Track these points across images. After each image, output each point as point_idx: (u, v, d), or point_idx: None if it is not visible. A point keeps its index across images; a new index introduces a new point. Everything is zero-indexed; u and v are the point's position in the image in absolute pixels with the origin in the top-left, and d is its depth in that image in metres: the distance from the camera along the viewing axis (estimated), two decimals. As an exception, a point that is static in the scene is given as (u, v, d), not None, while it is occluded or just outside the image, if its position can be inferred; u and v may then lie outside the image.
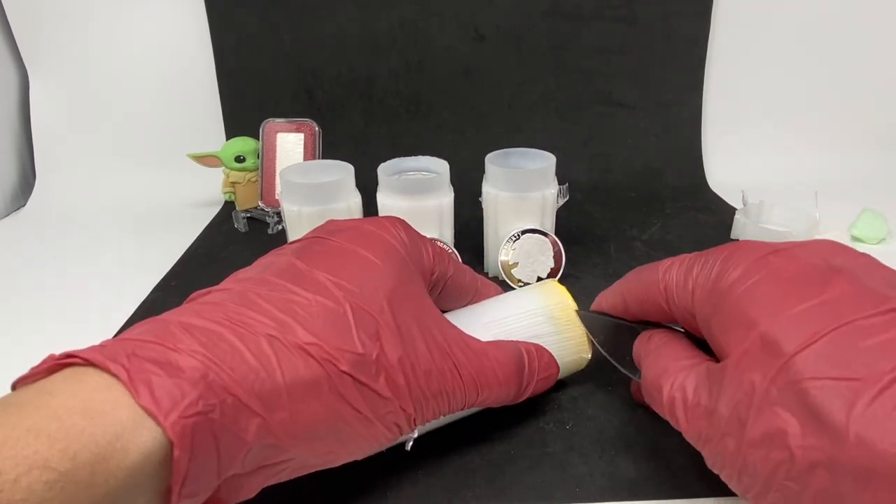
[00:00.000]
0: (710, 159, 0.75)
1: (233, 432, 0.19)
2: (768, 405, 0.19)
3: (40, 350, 0.42)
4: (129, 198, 0.69)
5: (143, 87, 0.72)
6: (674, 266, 0.26)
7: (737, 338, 0.21)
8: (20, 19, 0.69)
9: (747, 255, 0.23)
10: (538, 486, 0.28)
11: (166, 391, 0.17)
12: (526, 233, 0.44)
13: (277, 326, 0.21)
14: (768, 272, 0.22)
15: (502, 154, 0.46)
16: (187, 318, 0.20)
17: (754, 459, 0.19)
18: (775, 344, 0.19)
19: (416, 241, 0.28)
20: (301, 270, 0.23)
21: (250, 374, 0.19)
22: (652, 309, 0.28)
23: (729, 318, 0.22)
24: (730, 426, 0.20)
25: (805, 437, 0.18)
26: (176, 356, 0.18)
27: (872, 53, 0.74)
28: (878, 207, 0.56)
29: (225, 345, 0.19)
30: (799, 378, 0.18)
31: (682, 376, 0.24)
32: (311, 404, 0.21)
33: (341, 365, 0.21)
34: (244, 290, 0.22)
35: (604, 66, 0.72)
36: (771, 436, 0.19)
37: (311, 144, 0.59)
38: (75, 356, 0.18)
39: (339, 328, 0.22)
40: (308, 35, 0.70)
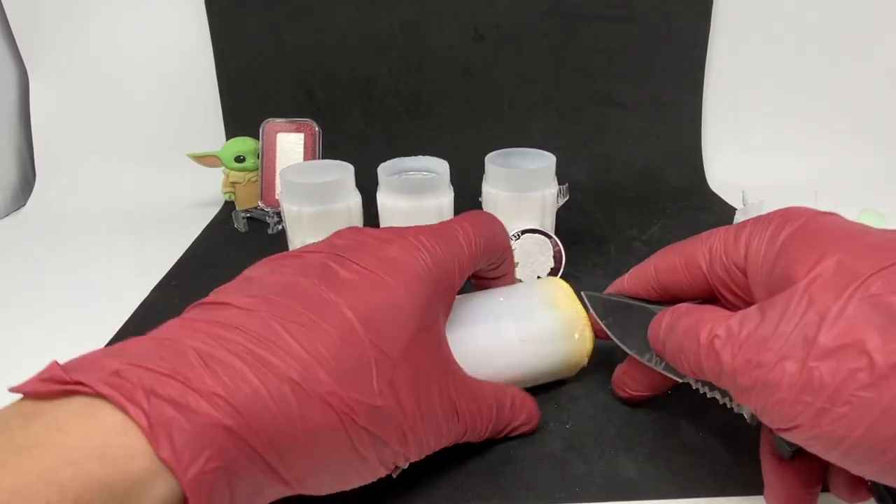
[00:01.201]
0: (710, 159, 0.75)
1: (247, 480, 0.19)
2: (844, 321, 0.19)
3: (40, 350, 0.42)
4: (130, 198, 0.69)
5: (143, 87, 0.72)
6: (718, 232, 0.27)
7: (806, 266, 0.21)
8: (20, 19, 0.69)
9: (804, 212, 0.25)
10: (538, 486, 0.28)
11: (186, 443, 0.17)
12: (526, 233, 0.44)
13: (301, 369, 0.20)
14: (830, 220, 0.23)
15: (502, 154, 0.46)
16: (205, 344, 0.19)
17: (822, 373, 0.19)
18: (851, 268, 0.20)
19: (442, 261, 0.26)
20: (327, 302, 0.22)
21: (271, 426, 0.19)
22: (686, 277, 0.28)
23: (798, 251, 0.22)
24: (792, 347, 0.20)
25: (886, 343, 0.18)
26: (197, 399, 0.17)
27: (872, 53, 0.74)
28: (878, 207, 0.56)
29: (247, 388, 0.18)
30: (879, 293, 0.19)
31: (723, 319, 0.23)
32: (325, 454, 0.21)
33: (359, 419, 0.21)
34: (267, 316, 0.21)
35: (604, 66, 0.72)
36: (846, 347, 0.19)
37: (311, 144, 0.59)
38: (86, 386, 0.17)
39: (360, 376, 0.21)
40: (308, 35, 0.70)
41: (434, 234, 0.27)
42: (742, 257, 0.25)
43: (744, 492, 0.27)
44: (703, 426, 0.31)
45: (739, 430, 0.31)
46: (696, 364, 0.24)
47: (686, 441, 0.30)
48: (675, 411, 0.32)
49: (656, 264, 0.30)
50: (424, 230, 0.27)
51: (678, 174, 0.73)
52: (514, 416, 0.29)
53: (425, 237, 0.27)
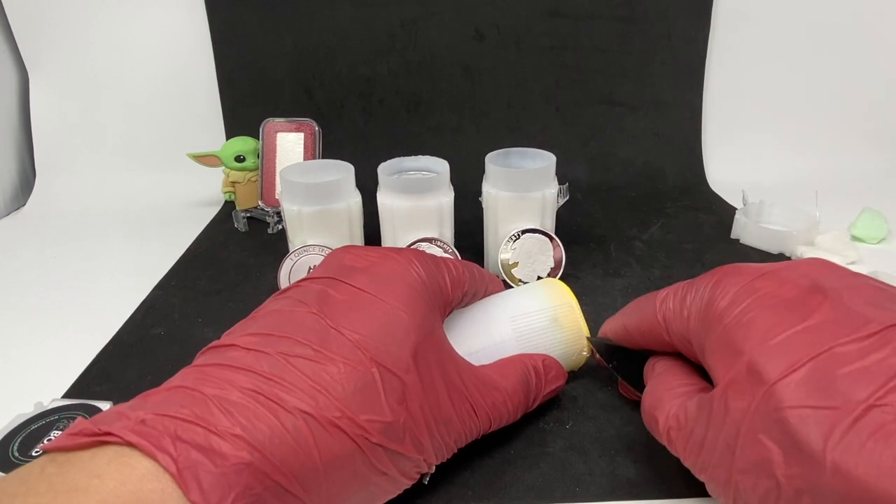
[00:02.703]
0: (710, 159, 0.75)
1: None
2: (753, 434, 0.19)
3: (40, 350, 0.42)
4: (130, 197, 0.69)
5: (144, 87, 0.72)
6: (669, 296, 0.27)
7: (724, 366, 0.22)
8: (20, 19, 0.69)
9: (735, 281, 0.23)
10: (538, 486, 0.28)
11: (214, 484, 0.17)
12: (526, 232, 0.44)
13: (311, 401, 0.20)
14: (755, 299, 0.22)
15: (502, 154, 0.46)
16: (221, 390, 0.20)
17: (745, 487, 0.20)
18: (759, 372, 0.20)
19: (434, 274, 0.28)
20: (327, 330, 0.23)
21: (290, 457, 0.19)
22: (654, 340, 0.28)
23: (718, 346, 0.22)
24: (721, 455, 0.21)
25: (788, 465, 0.18)
26: (219, 441, 0.18)
27: (872, 53, 0.74)
28: (878, 207, 0.56)
29: (262, 425, 0.19)
30: (780, 406, 0.19)
31: (675, 405, 0.24)
32: (346, 477, 0.21)
33: (372, 437, 0.21)
34: (270, 352, 0.22)
35: (604, 66, 0.72)
36: (758, 464, 0.19)
37: (311, 144, 0.59)
38: (116, 436, 0.18)
39: (368, 397, 0.22)
40: (308, 35, 0.70)
41: (422, 254, 0.28)
42: (686, 330, 0.25)
43: (744, 492, 0.27)
44: (703, 426, 0.31)
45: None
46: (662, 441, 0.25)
47: (686, 441, 0.30)
48: (675, 411, 0.32)
49: (626, 323, 0.30)
50: (414, 251, 0.29)
51: (678, 174, 0.73)
52: (541, 383, 0.30)
53: (414, 255, 0.28)
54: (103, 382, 0.36)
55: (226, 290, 0.48)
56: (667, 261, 0.52)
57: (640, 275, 0.49)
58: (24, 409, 0.31)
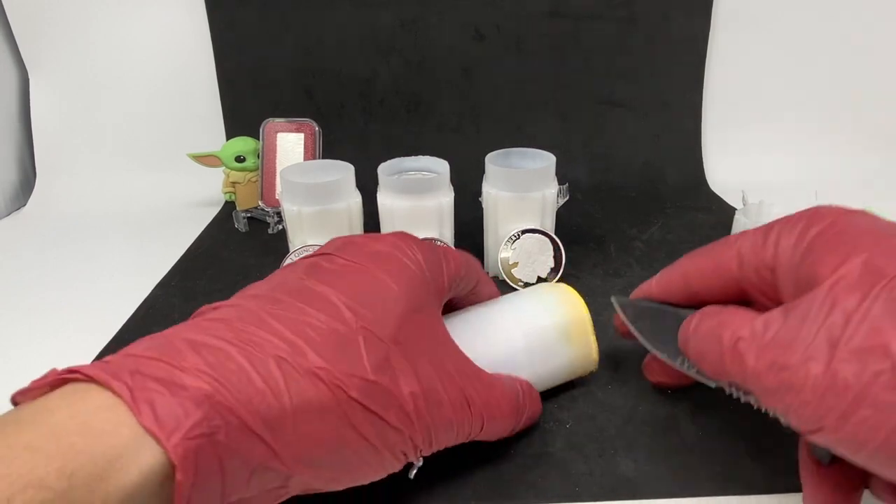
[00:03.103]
0: (710, 159, 0.75)
1: (237, 455, 0.18)
2: (869, 322, 0.19)
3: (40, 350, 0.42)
4: (130, 197, 0.69)
5: (143, 87, 0.72)
6: (747, 233, 0.27)
7: (832, 266, 0.21)
8: (20, 19, 0.69)
9: (832, 210, 0.24)
10: (538, 486, 0.28)
11: (170, 411, 0.17)
12: (526, 233, 0.44)
13: (287, 348, 0.20)
14: (857, 218, 0.23)
15: (502, 154, 0.46)
16: (194, 335, 0.20)
17: (846, 375, 0.19)
18: (877, 268, 0.20)
19: (433, 260, 0.27)
20: (313, 289, 0.23)
21: (256, 397, 0.19)
22: (716, 280, 0.28)
23: (824, 251, 0.22)
24: (816, 349, 0.20)
25: None
26: (181, 375, 0.18)
27: (873, 53, 0.74)
28: (878, 207, 0.56)
29: (232, 364, 0.19)
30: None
31: (747, 321, 0.23)
32: (318, 429, 0.20)
33: (351, 391, 0.21)
34: (254, 308, 0.22)
35: (604, 66, 0.72)
36: (871, 349, 0.18)
37: (311, 144, 0.59)
38: (77, 371, 0.18)
39: (349, 354, 0.21)
40: (308, 35, 0.70)
41: (421, 240, 0.28)
42: (771, 257, 0.25)
43: (744, 491, 0.27)
44: (703, 426, 0.31)
45: (739, 430, 0.31)
46: (719, 366, 0.24)
47: (686, 441, 0.30)
48: (675, 411, 0.32)
49: (685, 269, 0.30)
50: (413, 236, 0.28)
51: (678, 174, 0.73)
52: (524, 404, 0.29)
53: (413, 239, 0.27)
54: (103, 382, 0.36)
55: (226, 290, 0.48)
56: (667, 261, 0.51)
57: (640, 275, 0.49)
58: (25, 409, 0.31)
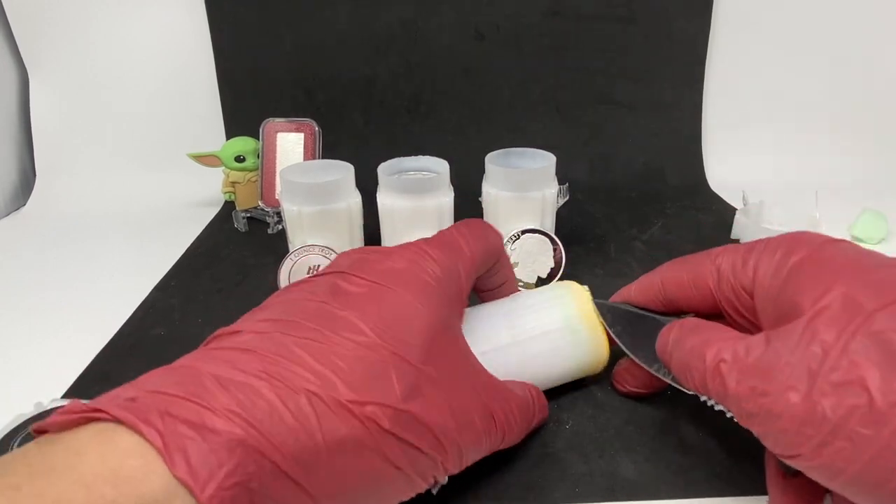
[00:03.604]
0: (710, 159, 0.75)
1: (271, 500, 0.18)
2: (847, 356, 0.19)
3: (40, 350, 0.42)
4: (130, 198, 0.69)
5: (143, 87, 0.72)
6: (727, 251, 0.28)
7: (813, 297, 0.22)
8: (20, 19, 0.69)
9: (813, 239, 0.25)
10: (538, 486, 0.28)
11: (202, 460, 0.16)
12: (526, 233, 0.44)
13: (317, 380, 0.19)
14: (837, 251, 0.24)
15: (502, 154, 0.46)
16: (221, 369, 0.19)
17: (824, 407, 0.19)
18: (856, 302, 0.20)
19: (451, 270, 0.26)
20: (336, 314, 0.22)
21: (290, 438, 0.18)
22: (694, 293, 0.28)
23: (804, 282, 0.23)
24: (796, 379, 0.20)
25: (886, 382, 0.18)
26: (212, 417, 0.17)
27: (873, 53, 0.74)
28: (878, 207, 0.56)
29: (262, 403, 0.18)
30: (882, 330, 0.19)
31: (730, 342, 0.24)
32: (352, 465, 0.20)
33: (384, 423, 0.20)
34: (278, 336, 0.21)
35: (604, 66, 0.72)
36: (848, 383, 0.19)
37: (311, 144, 0.59)
38: (103, 412, 0.17)
39: (380, 382, 0.20)
40: (308, 35, 0.70)
41: (436, 243, 0.27)
42: (750, 281, 0.26)
43: (743, 492, 0.27)
44: (703, 426, 0.31)
45: (739, 431, 0.31)
46: (701, 384, 0.24)
47: (686, 441, 0.30)
48: (675, 411, 0.32)
49: (664, 278, 0.30)
50: (426, 241, 0.27)
51: (678, 174, 0.73)
52: (535, 411, 0.29)
53: (428, 247, 0.27)
54: (103, 382, 0.36)
55: (226, 291, 0.48)
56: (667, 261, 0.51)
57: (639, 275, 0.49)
58: (24, 409, 0.31)
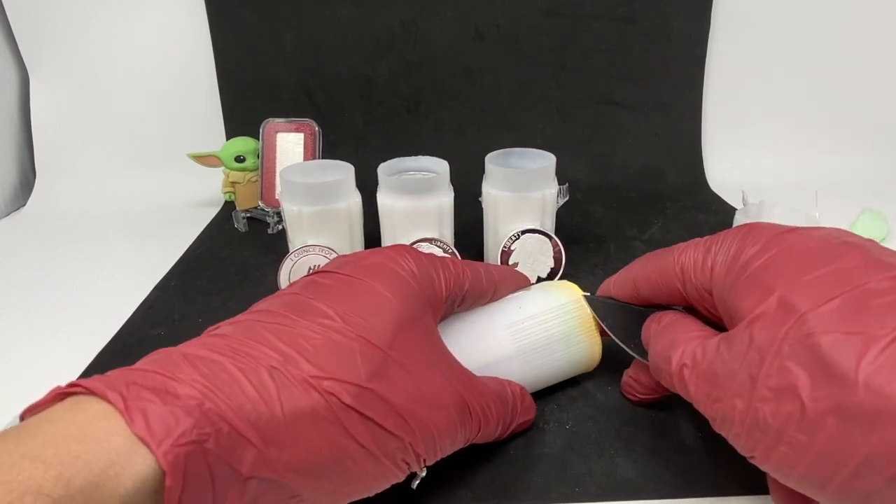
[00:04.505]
0: (710, 159, 0.75)
1: (228, 463, 0.18)
2: (780, 361, 0.20)
3: (40, 350, 0.42)
4: (129, 198, 0.69)
5: (143, 87, 0.72)
6: (689, 248, 0.27)
7: (752, 302, 0.22)
8: (20, 19, 0.69)
9: (765, 232, 0.24)
10: (537, 486, 0.28)
11: (160, 419, 0.17)
12: (526, 233, 0.44)
13: (280, 358, 0.20)
14: (785, 246, 0.23)
15: (502, 154, 0.46)
16: (191, 349, 0.20)
17: (765, 414, 0.20)
18: (790, 305, 0.20)
19: (428, 269, 0.27)
20: (307, 302, 0.23)
21: (248, 404, 0.19)
22: (665, 292, 0.28)
23: (746, 286, 0.23)
24: (741, 385, 0.21)
25: (815, 388, 0.18)
26: (174, 384, 0.18)
27: (872, 53, 0.74)
28: (878, 207, 0.56)
29: (225, 375, 0.19)
30: (811, 332, 0.19)
31: (692, 345, 0.24)
32: (313, 438, 0.20)
33: (345, 398, 0.20)
34: (250, 323, 0.22)
35: (604, 66, 0.72)
36: (782, 390, 0.19)
37: (311, 144, 0.59)
38: (78, 385, 0.18)
39: (344, 361, 0.21)
40: (308, 35, 0.70)
41: (415, 250, 0.28)
42: (708, 280, 0.26)
43: (743, 492, 0.27)
44: (703, 426, 0.31)
45: (739, 431, 0.31)
46: (671, 386, 0.25)
47: (686, 441, 0.30)
48: (675, 411, 0.32)
49: (636, 277, 0.30)
50: (407, 247, 0.28)
51: (678, 174, 0.73)
52: (516, 408, 0.29)
53: (406, 250, 0.27)
54: (103, 382, 0.36)
55: (226, 291, 0.48)
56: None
57: (639, 275, 0.49)
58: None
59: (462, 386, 0.25)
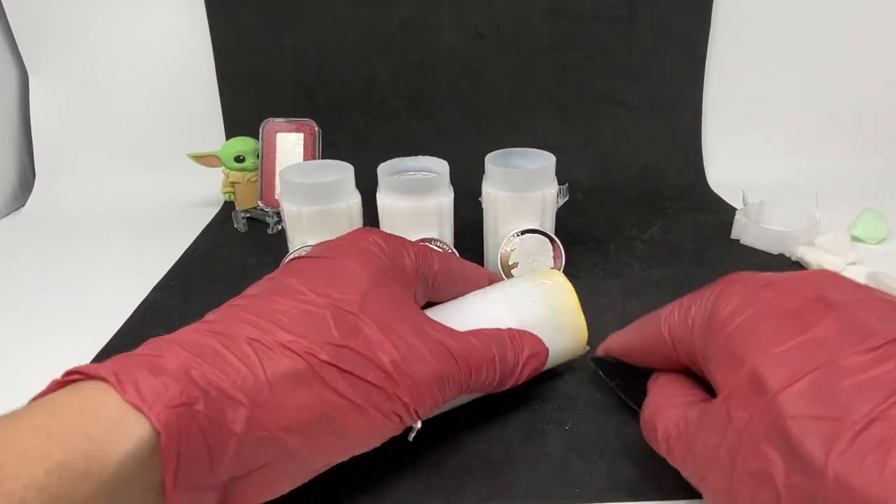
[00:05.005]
0: (710, 159, 0.75)
1: (219, 423, 0.19)
2: (755, 443, 0.19)
3: (40, 350, 0.42)
4: (129, 198, 0.69)
5: (144, 87, 0.72)
6: (675, 309, 0.26)
7: (726, 375, 0.21)
8: (20, 19, 0.69)
9: (739, 290, 0.23)
10: (537, 487, 0.28)
11: (151, 387, 0.19)
12: (526, 233, 0.44)
13: (257, 331, 0.22)
14: (759, 308, 0.22)
15: (502, 154, 0.46)
16: (178, 335, 0.22)
17: (744, 497, 0.19)
18: (761, 382, 0.19)
19: (396, 244, 0.29)
20: (280, 282, 0.25)
21: (232, 370, 0.20)
22: (659, 356, 0.28)
23: (719, 354, 0.22)
24: (722, 464, 0.20)
25: (789, 476, 0.18)
26: (161, 360, 0.20)
27: (872, 53, 0.74)
28: (878, 207, 0.56)
29: (208, 350, 0.21)
30: (782, 416, 0.18)
31: (675, 414, 0.24)
32: (297, 395, 0.21)
33: (322, 355, 0.22)
34: (231, 307, 0.24)
35: (604, 66, 0.72)
36: (758, 474, 0.19)
37: (311, 144, 0.59)
38: (75, 371, 0.20)
39: (318, 327, 0.23)
40: (308, 35, 0.70)
41: (382, 232, 0.30)
42: (691, 342, 0.25)
43: (743, 492, 0.27)
44: (703, 426, 0.31)
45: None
46: (660, 453, 0.25)
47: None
48: (675, 411, 0.32)
49: (632, 346, 0.30)
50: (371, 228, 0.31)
51: (678, 174, 0.73)
52: (517, 350, 0.30)
53: (375, 230, 0.30)
54: (103, 383, 0.36)
55: (226, 291, 0.48)
56: (667, 261, 0.52)
57: (640, 275, 0.49)
58: (24, 410, 0.31)
59: (441, 332, 0.26)
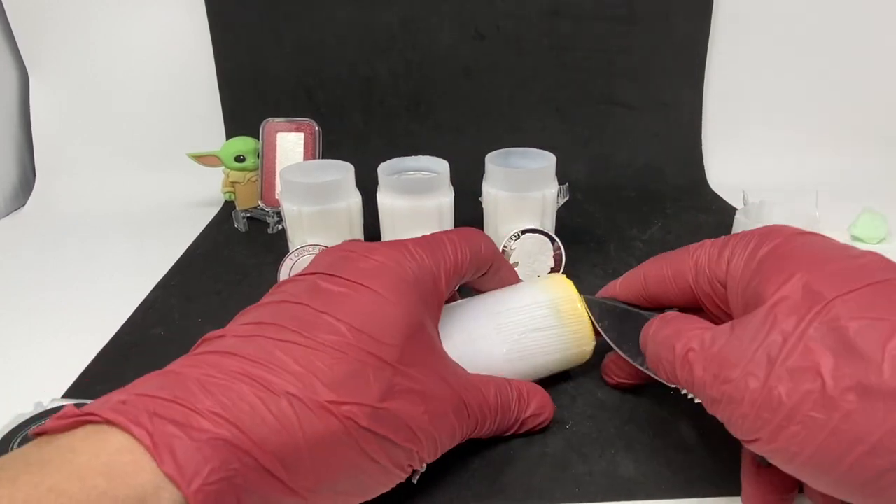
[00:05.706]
0: (710, 159, 0.75)
1: (254, 494, 0.19)
2: (804, 343, 0.20)
3: (40, 350, 0.42)
4: (129, 197, 0.69)
5: (144, 87, 0.72)
6: (704, 246, 0.28)
7: (775, 286, 0.22)
8: (20, 19, 0.69)
9: (784, 231, 0.25)
10: (538, 486, 0.28)
11: (189, 457, 0.17)
12: (526, 232, 0.44)
13: (297, 382, 0.20)
14: (806, 241, 0.24)
15: (502, 154, 0.46)
16: (206, 373, 0.20)
17: (780, 392, 0.20)
18: (816, 291, 0.21)
19: (429, 268, 0.27)
20: (317, 317, 0.23)
21: (271, 436, 0.19)
22: (674, 288, 0.29)
23: (770, 272, 0.23)
24: (755, 365, 0.21)
25: (838, 367, 0.19)
26: (197, 418, 0.18)
27: (873, 53, 0.74)
28: (878, 207, 0.56)
29: (245, 405, 0.19)
30: (838, 317, 0.20)
31: (698, 332, 0.25)
32: (332, 460, 0.21)
33: (361, 421, 0.21)
34: (261, 339, 0.22)
35: (604, 66, 0.72)
36: (803, 369, 0.20)
37: (311, 144, 0.59)
38: (96, 415, 0.18)
39: (358, 382, 0.22)
40: (308, 35, 0.70)
41: (420, 243, 0.28)
42: (724, 272, 0.27)
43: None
44: (703, 426, 0.31)
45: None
46: (672, 373, 0.25)
47: (686, 441, 0.30)
48: (675, 411, 0.32)
49: (646, 273, 0.31)
50: (413, 239, 0.28)
51: (678, 174, 0.73)
52: (521, 408, 0.30)
53: (411, 245, 0.28)
54: (103, 382, 0.36)
55: (226, 290, 0.48)
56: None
57: (640, 275, 0.49)
58: (24, 409, 0.31)
59: (460, 386, 0.26)
